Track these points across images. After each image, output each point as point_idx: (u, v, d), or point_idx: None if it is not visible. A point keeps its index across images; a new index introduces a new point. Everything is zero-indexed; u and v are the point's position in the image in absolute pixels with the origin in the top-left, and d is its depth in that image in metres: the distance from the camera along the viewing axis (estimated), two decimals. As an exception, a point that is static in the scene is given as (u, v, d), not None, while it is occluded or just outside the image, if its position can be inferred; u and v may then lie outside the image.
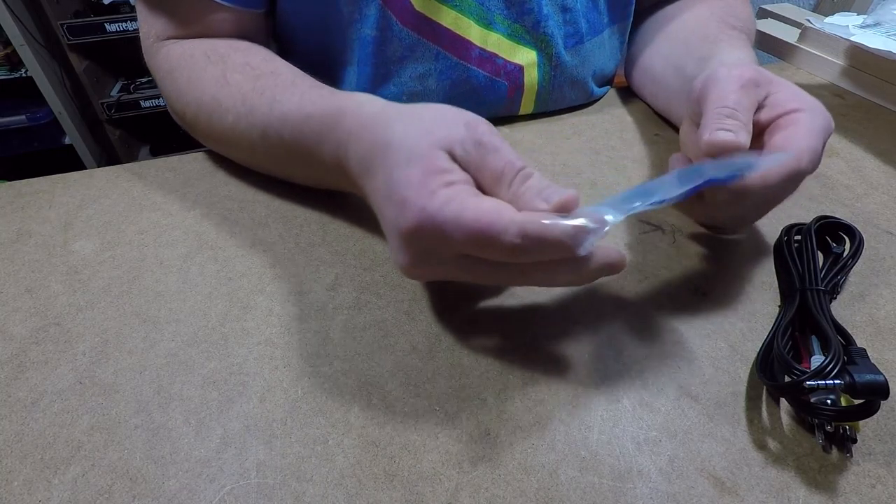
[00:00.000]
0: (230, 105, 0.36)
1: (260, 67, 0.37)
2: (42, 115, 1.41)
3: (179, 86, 0.39)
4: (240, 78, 0.36)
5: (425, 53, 0.43)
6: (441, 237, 0.23)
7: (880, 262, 0.33)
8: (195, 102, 0.38)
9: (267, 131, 0.34)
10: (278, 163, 0.37)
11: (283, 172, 0.38)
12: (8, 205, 0.38)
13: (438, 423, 0.24)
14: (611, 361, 0.27)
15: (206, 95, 0.37)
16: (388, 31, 0.42)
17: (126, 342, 0.28)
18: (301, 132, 0.32)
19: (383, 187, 0.25)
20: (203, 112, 0.38)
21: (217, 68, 0.37)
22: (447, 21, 0.42)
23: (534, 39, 0.44)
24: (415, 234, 0.24)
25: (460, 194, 0.23)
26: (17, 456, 0.23)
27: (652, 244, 0.34)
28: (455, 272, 0.25)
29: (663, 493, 0.22)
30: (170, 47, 0.40)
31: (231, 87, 0.36)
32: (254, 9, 0.41)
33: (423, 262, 0.25)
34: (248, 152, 0.38)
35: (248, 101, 0.35)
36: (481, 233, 0.22)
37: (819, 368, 0.22)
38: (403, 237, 0.24)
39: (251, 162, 0.40)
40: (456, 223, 0.22)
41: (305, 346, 0.28)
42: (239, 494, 0.22)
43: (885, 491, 0.22)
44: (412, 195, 0.23)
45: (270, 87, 0.35)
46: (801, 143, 0.27)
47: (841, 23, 0.53)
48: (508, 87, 0.45)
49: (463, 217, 0.22)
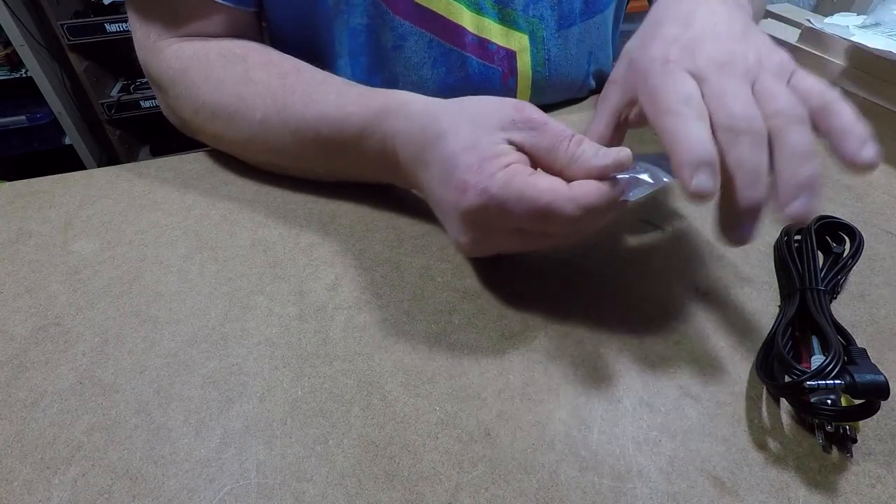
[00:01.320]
0: (258, 103, 0.36)
1: (283, 65, 0.37)
2: (42, 116, 1.41)
3: (195, 85, 0.38)
4: (264, 76, 0.36)
5: (419, 42, 0.43)
6: (503, 214, 0.25)
7: (880, 262, 0.33)
8: (213, 101, 0.37)
9: (301, 128, 0.35)
10: (309, 159, 0.37)
11: (310, 169, 0.38)
12: (8, 205, 0.38)
13: (438, 423, 0.24)
14: (611, 361, 0.27)
15: (228, 94, 0.37)
16: (380, 20, 0.42)
17: (126, 342, 0.28)
18: (340, 130, 0.33)
19: (440, 175, 0.27)
20: (223, 111, 0.37)
21: (238, 67, 0.37)
22: (439, 7, 0.42)
23: (525, 23, 0.44)
24: (478, 214, 0.26)
25: (519, 174, 0.25)
26: (17, 456, 0.23)
27: (652, 244, 0.34)
28: (511, 244, 0.28)
29: (663, 493, 0.22)
30: (180, 45, 0.39)
31: (257, 85, 0.36)
32: (246, 7, 0.41)
33: (482, 239, 0.28)
34: (273, 150, 0.38)
35: (280, 99, 0.35)
36: (543, 208, 0.24)
37: (819, 368, 0.22)
38: (465, 218, 0.27)
39: (272, 159, 0.39)
40: (518, 201, 0.24)
41: (305, 346, 0.28)
42: (239, 494, 0.22)
43: (885, 491, 0.22)
44: (472, 178, 0.25)
45: (301, 84, 0.35)
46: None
47: (841, 23, 0.53)
48: (502, 74, 0.45)
49: (525, 195, 0.24)
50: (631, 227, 0.35)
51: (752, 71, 0.25)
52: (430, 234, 0.35)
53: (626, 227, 0.35)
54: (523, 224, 0.26)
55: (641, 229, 0.35)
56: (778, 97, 0.24)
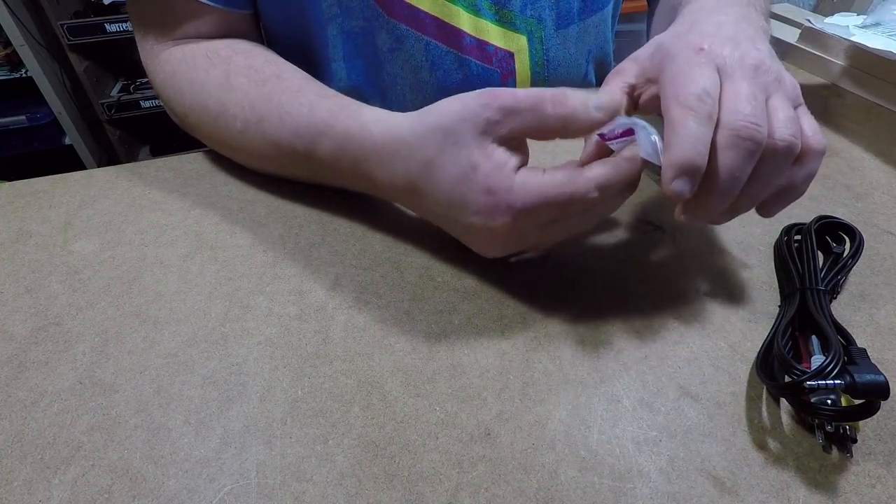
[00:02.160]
0: (237, 112, 0.36)
1: (263, 71, 0.37)
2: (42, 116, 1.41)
3: (182, 88, 0.39)
4: (244, 82, 0.36)
5: (416, 45, 0.43)
6: (533, 219, 0.26)
7: (880, 262, 0.33)
8: (199, 106, 0.38)
9: (279, 143, 0.35)
10: (292, 168, 0.37)
11: (297, 176, 0.38)
12: (8, 205, 0.38)
13: (438, 423, 0.24)
14: (611, 361, 0.27)
15: (212, 99, 0.37)
16: (375, 23, 0.41)
17: (126, 342, 0.28)
18: (314, 149, 0.33)
19: (449, 202, 0.28)
20: (208, 116, 0.37)
21: (219, 70, 0.37)
22: (435, 10, 0.41)
23: (523, 24, 0.44)
24: (511, 228, 0.27)
25: (532, 177, 0.26)
26: (17, 456, 0.23)
27: (652, 244, 0.34)
28: (540, 239, 0.29)
29: (663, 493, 0.22)
30: (171, 50, 0.40)
31: (237, 93, 0.36)
32: (238, 10, 0.41)
33: (514, 246, 0.29)
34: (258, 159, 0.38)
35: (257, 110, 0.35)
36: (568, 200, 0.25)
37: (819, 368, 0.22)
38: (499, 236, 0.27)
39: (259, 166, 0.39)
40: (544, 203, 0.25)
41: (305, 346, 0.28)
42: (239, 494, 0.22)
43: (885, 491, 0.22)
44: (492, 201, 0.26)
45: (277, 94, 0.35)
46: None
47: (841, 23, 0.53)
48: (501, 75, 0.45)
49: (549, 195, 0.25)
50: (631, 226, 0.35)
51: (772, 87, 0.25)
52: (430, 234, 0.35)
53: (626, 227, 0.35)
54: (553, 217, 0.27)
55: (641, 229, 0.35)
56: (783, 120, 0.24)
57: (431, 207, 0.29)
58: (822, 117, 0.48)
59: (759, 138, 0.23)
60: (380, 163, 0.30)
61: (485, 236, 0.28)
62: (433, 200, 0.29)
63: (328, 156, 0.33)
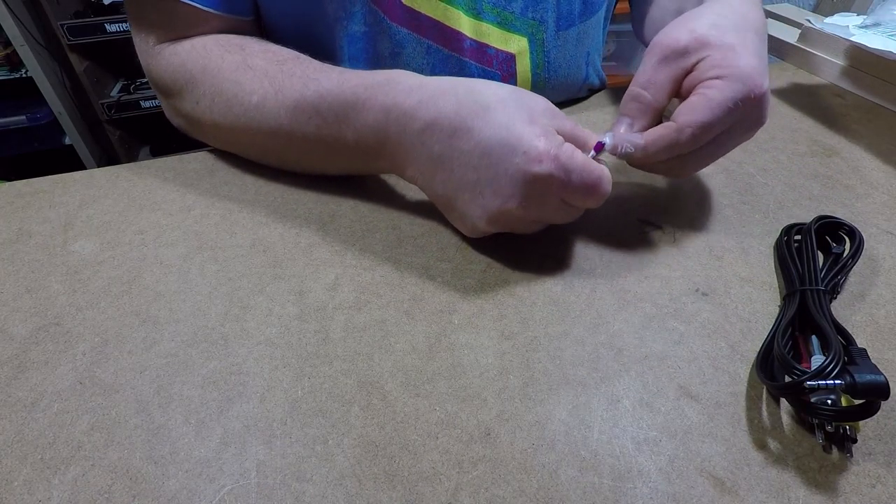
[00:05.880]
0: (255, 87, 0.36)
1: (281, 53, 0.37)
2: (42, 116, 1.41)
3: (193, 76, 0.38)
4: (262, 63, 0.36)
5: (417, 48, 0.43)
6: (563, 183, 0.28)
7: (880, 262, 0.33)
8: (213, 91, 0.37)
9: (299, 107, 0.35)
10: (300, 146, 0.37)
11: (300, 158, 0.38)
12: (8, 205, 0.38)
13: (438, 423, 0.24)
14: (611, 361, 0.27)
15: (226, 81, 0.37)
16: (377, 27, 0.42)
17: (126, 342, 0.28)
18: (339, 99, 0.33)
19: (498, 139, 0.28)
20: (221, 98, 0.37)
21: (236, 56, 0.37)
22: (436, 13, 0.42)
23: (524, 26, 0.44)
24: (545, 180, 0.28)
25: (577, 150, 0.28)
26: (17, 456, 0.23)
27: (652, 244, 0.34)
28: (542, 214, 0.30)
29: (663, 493, 0.22)
30: (175, 45, 0.39)
31: (255, 71, 0.36)
32: (242, 16, 0.41)
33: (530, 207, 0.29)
34: (267, 136, 0.37)
35: (277, 82, 0.35)
36: (596, 181, 0.28)
37: (819, 368, 0.22)
38: (530, 184, 0.28)
39: (264, 148, 0.39)
40: (581, 172, 0.28)
41: (305, 346, 0.28)
42: (239, 494, 0.22)
43: (885, 491, 0.22)
44: (543, 146, 0.27)
45: (301, 69, 0.35)
46: (688, 116, 0.29)
47: (841, 23, 0.53)
48: (501, 78, 0.45)
49: (586, 167, 0.28)
50: (631, 227, 0.35)
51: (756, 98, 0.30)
52: (430, 234, 0.35)
53: (626, 226, 0.35)
54: (572, 195, 0.29)
55: (641, 229, 0.35)
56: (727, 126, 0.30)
57: (469, 150, 0.29)
58: (822, 117, 0.48)
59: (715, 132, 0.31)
60: (425, 99, 0.30)
61: (512, 183, 0.28)
62: (477, 140, 0.29)
63: (352, 103, 0.33)
